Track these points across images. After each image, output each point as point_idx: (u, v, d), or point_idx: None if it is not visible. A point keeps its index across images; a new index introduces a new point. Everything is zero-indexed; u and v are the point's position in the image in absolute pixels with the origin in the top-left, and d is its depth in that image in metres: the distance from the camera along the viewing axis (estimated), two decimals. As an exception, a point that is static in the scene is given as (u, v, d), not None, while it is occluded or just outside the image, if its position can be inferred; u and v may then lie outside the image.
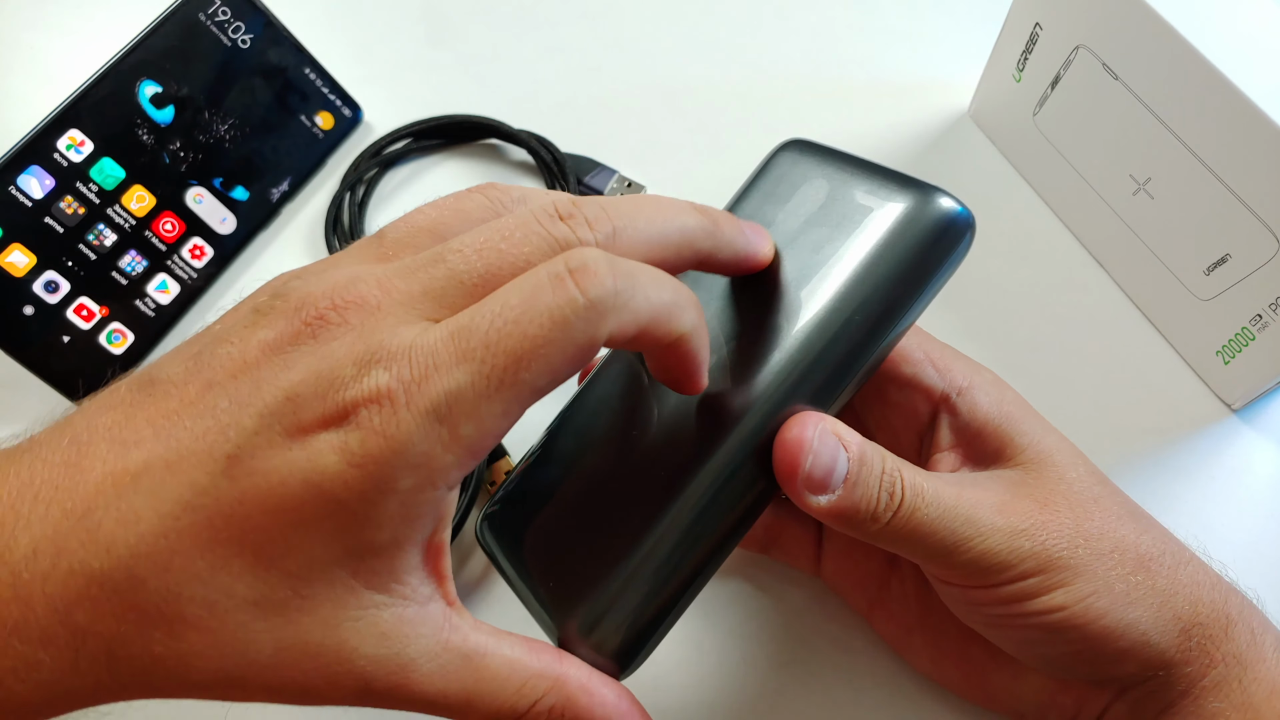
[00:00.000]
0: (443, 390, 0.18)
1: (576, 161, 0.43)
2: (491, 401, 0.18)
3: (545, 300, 0.18)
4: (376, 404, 0.18)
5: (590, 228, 0.20)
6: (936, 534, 0.23)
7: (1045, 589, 0.23)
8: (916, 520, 0.22)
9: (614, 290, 0.18)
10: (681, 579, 0.22)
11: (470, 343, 0.18)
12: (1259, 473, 0.36)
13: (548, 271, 0.18)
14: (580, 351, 0.18)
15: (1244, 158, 0.32)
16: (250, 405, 0.18)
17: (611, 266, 0.19)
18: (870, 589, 0.31)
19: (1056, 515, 0.24)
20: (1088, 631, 0.23)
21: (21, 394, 0.39)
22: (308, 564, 0.18)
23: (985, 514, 0.23)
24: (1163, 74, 0.33)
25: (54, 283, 0.37)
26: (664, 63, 0.48)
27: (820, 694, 0.32)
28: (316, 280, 0.20)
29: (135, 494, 0.18)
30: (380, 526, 0.18)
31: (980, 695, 0.29)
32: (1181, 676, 0.24)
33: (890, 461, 0.23)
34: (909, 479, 0.23)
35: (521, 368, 0.18)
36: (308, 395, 0.18)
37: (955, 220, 0.23)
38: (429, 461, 0.18)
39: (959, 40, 0.48)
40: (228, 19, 0.41)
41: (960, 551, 0.23)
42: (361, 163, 0.44)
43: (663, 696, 0.32)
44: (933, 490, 0.23)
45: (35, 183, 0.36)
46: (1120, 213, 0.38)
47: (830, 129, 0.45)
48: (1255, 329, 0.34)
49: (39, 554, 0.17)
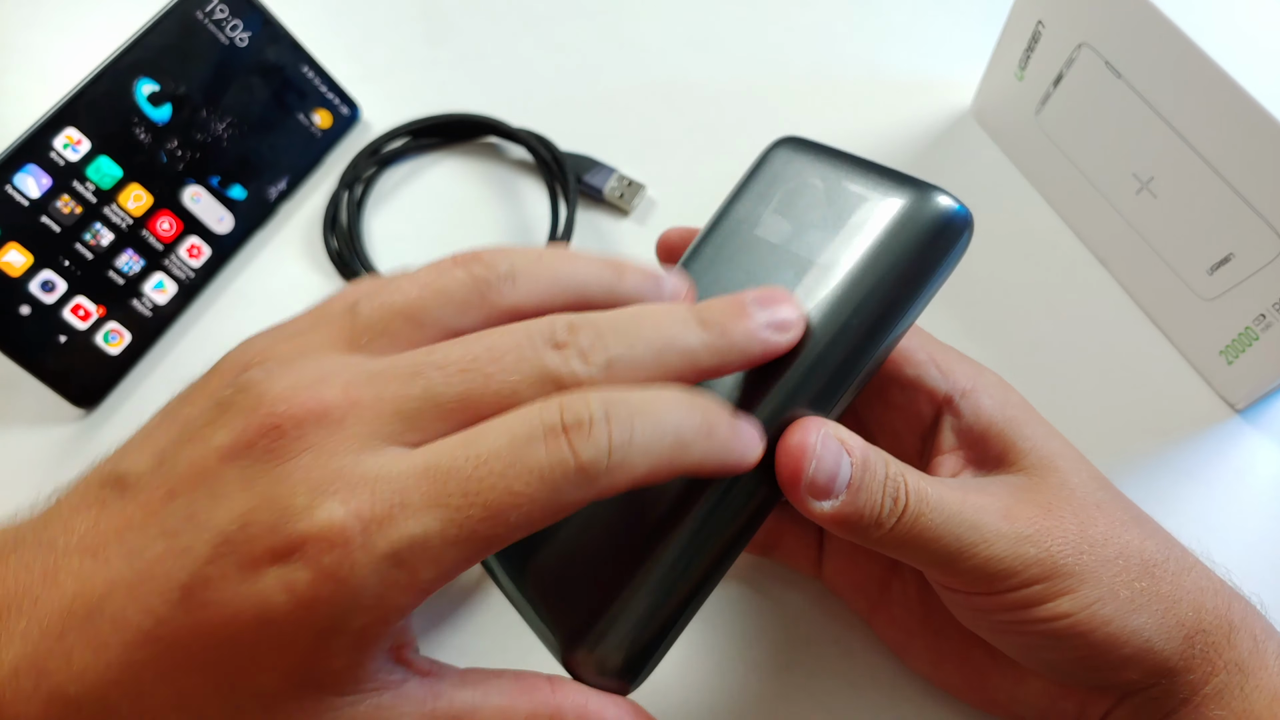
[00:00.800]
0: (407, 535, 0.17)
1: (576, 160, 0.43)
2: (460, 549, 0.17)
3: (536, 458, 0.17)
4: (328, 542, 0.17)
5: (585, 360, 0.19)
6: (940, 540, 0.22)
7: (1050, 596, 0.23)
8: (921, 526, 0.22)
9: (609, 450, 0.18)
10: (685, 591, 0.22)
11: (447, 487, 0.17)
12: (1262, 474, 0.36)
13: (542, 422, 0.18)
14: (566, 509, 0.18)
15: (1247, 157, 0.32)
16: (206, 528, 0.18)
17: (608, 418, 0.18)
18: (871, 592, 0.30)
19: (1061, 521, 0.24)
20: (1092, 639, 0.23)
21: (18, 394, 0.39)
22: (272, 686, 0.18)
23: (990, 520, 0.23)
24: (1166, 72, 0.33)
25: (50, 282, 0.37)
26: (664, 60, 0.48)
27: (821, 697, 0.31)
28: (280, 374, 0.19)
29: (102, 619, 0.18)
30: (334, 656, 0.18)
31: (981, 699, 0.28)
32: (1184, 684, 0.24)
33: (894, 467, 0.23)
34: (913, 484, 0.22)
35: (499, 522, 0.17)
36: (259, 525, 0.17)
37: (953, 219, 0.23)
38: (382, 604, 0.17)
39: (961, 38, 0.48)
40: (225, 17, 0.40)
41: (964, 558, 0.23)
42: (359, 161, 0.44)
43: (663, 699, 0.32)
44: (937, 496, 0.22)
45: (32, 181, 0.36)
46: (1123, 212, 0.38)
47: (831, 127, 0.45)
48: (1259, 329, 0.34)
49: (20, 674, 0.17)
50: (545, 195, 0.43)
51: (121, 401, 0.39)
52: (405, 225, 0.43)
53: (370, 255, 0.42)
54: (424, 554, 0.17)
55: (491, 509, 0.17)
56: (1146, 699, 0.25)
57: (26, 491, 0.37)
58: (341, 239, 0.42)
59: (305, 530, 0.17)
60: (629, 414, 0.18)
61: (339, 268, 0.42)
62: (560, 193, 0.42)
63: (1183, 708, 0.24)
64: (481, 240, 0.43)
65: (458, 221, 0.43)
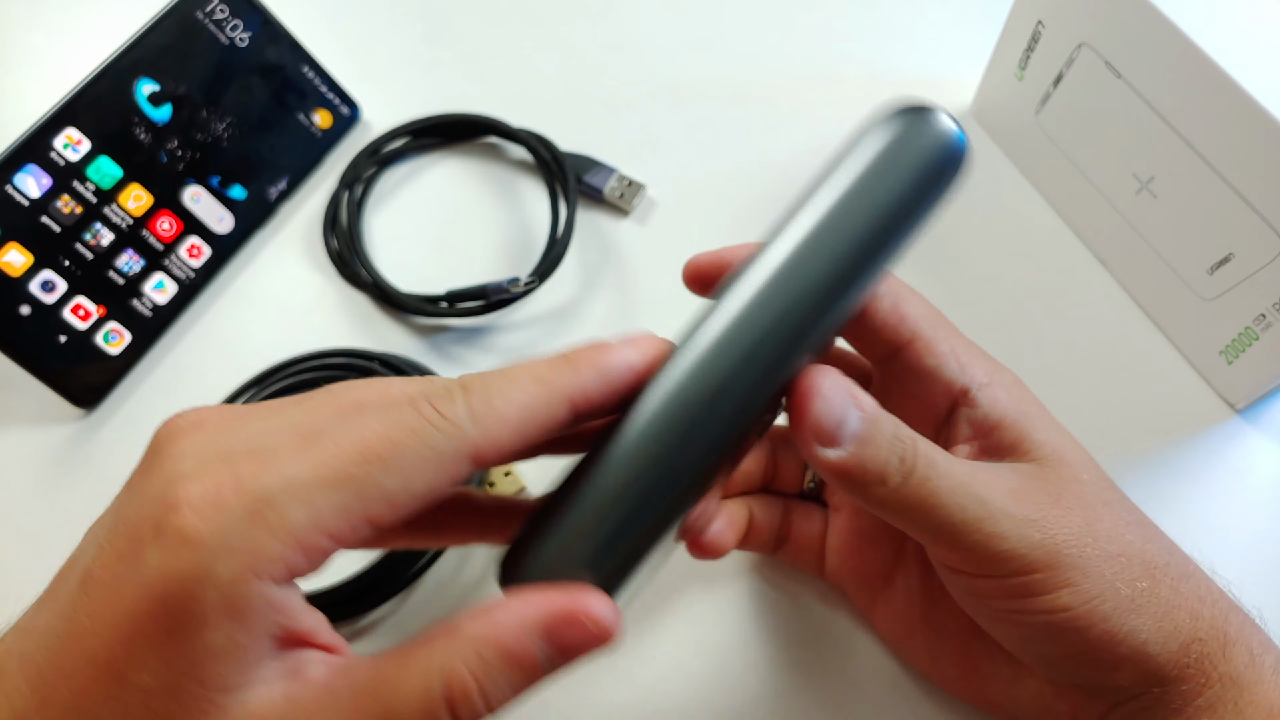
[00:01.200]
0: (276, 476, 0.17)
1: (576, 160, 0.43)
2: (331, 492, 0.17)
3: (403, 415, 0.18)
4: (203, 498, 0.17)
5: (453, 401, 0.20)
6: (946, 508, 0.22)
7: (1051, 587, 0.23)
8: (926, 491, 0.22)
9: (469, 407, 0.19)
10: (655, 485, 0.21)
11: (320, 437, 0.18)
12: (1262, 473, 0.36)
13: (407, 400, 0.19)
14: (440, 460, 0.18)
15: (1247, 156, 0.32)
16: (98, 530, 0.19)
17: (465, 387, 0.19)
18: (874, 584, 0.30)
19: (1068, 512, 0.24)
20: (1089, 635, 0.23)
21: (18, 394, 0.39)
22: (156, 683, 0.17)
23: (997, 497, 0.23)
24: (1166, 72, 0.33)
25: (51, 282, 0.37)
26: (664, 60, 0.48)
27: (821, 696, 0.32)
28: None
29: (9, 659, 0.18)
30: (207, 624, 0.17)
31: (977, 697, 0.29)
32: (1176, 694, 0.24)
33: (904, 429, 0.23)
34: (922, 449, 0.22)
35: (368, 462, 0.18)
36: (150, 498, 0.18)
37: (944, 148, 0.22)
38: (250, 546, 0.17)
39: (961, 38, 0.48)
40: (225, 17, 0.40)
41: (969, 532, 0.22)
42: (360, 161, 0.44)
43: (663, 698, 0.32)
44: (945, 463, 0.22)
45: (32, 181, 0.36)
46: (1123, 212, 0.38)
47: (831, 127, 0.44)
48: (1259, 329, 0.34)
49: None
50: (545, 195, 0.43)
51: (121, 401, 0.39)
52: (405, 225, 0.43)
53: (370, 255, 0.42)
54: (292, 493, 0.17)
55: (361, 449, 0.18)
56: (1138, 708, 0.25)
57: (26, 491, 0.37)
58: (341, 239, 0.42)
59: (181, 493, 0.17)
60: (484, 384, 0.19)
61: (339, 268, 0.42)
62: (560, 193, 0.42)
63: (1174, 717, 0.24)
64: (481, 242, 0.43)
65: (458, 221, 0.43)
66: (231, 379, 0.38)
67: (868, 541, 0.30)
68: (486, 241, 0.43)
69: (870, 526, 0.30)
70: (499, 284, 0.39)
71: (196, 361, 0.40)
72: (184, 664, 0.17)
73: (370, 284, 0.41)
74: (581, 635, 0.19)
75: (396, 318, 0.41)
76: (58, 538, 0.24)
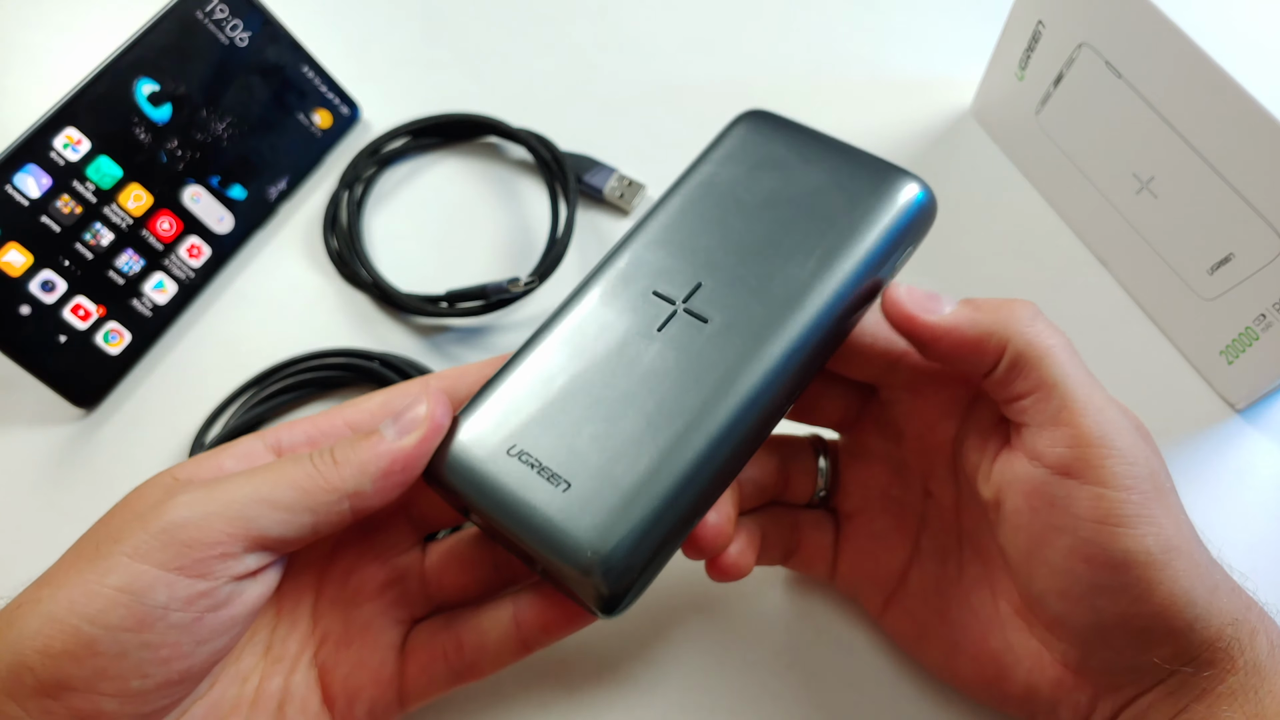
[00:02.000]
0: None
1: (576, 160, 0.43)
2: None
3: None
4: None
5: None
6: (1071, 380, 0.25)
7: (1141, 520, 0.23)
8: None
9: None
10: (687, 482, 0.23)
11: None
12: (1262, 473, 0.36)
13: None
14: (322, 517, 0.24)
15: (1248, 156, 0.32)
16: None
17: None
18: (888, 584, 0.30)
19: (1155, 457, 0.25)
20: (1156, 592, 0.23)
21: (18, 394, 0.39)
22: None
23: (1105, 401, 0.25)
24: (1166, 72, 0.33)
25: (50, 282, 0.37)
26: (664, 60, 0.48)
27: (822, 696, 0.32)
28: None
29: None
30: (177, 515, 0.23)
31: (994, 693, 0.28)
32: (1203, 678, 0.24)
33: None
34: None
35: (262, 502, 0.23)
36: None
37: (913, 200, 0.26)
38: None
39: (961, 38, 0.48)
40: (225, 17, 0.40)
41: (1089, 408, 0.24)
42: (359, 161, 0.44)
43: (663, 696, 0.32)
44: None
45: (32, 181, 0.36)
46: (1123, 211, 0.38)
47: (832, 127, 0.44)
48: (1259, 329, 0.34)
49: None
50: (545, 195, 0.43)
51: (122, 401, 0.39)
52: (405, 225, 0.43)
53: (370, 255, 0.42)
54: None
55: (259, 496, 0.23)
56: (1164, 692, 0.25)
57: (26, 491, 0.37)
58: (341, 239, 0.42)
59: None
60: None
61: (339, 267, 0.42)
62: (560, 192, 0.42)
63: (1195, 705, 0.24)
64: (480, 241, 0.43)
65: (458, 221, 0.43)
66: (231, 379, 0.38)
67: (881, 542, 0.30)
68: (486, 241, 0.43)
69: (884, 527, 0.30)
70: (499, 284, 0.39)
71: (196, 361, 0.40)
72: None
73: (370, 284, 0.41)
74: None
75: (396, 318, 0.41)
76: (58, 538, 0.24)
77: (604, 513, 0.22)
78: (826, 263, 0.25)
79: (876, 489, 0.31)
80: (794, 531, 0.31)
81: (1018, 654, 0.27)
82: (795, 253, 0.25)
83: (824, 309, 0.25)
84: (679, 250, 0.26)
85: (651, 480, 0.23)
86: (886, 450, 0.30)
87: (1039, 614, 0.26)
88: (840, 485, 0.31)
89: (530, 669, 0.32)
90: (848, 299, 0.25)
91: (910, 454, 0.30)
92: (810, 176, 0.26)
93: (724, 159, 0.28)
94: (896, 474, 0.30)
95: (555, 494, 0.23)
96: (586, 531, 0.22)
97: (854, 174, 0.26)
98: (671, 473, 0.23)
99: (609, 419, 0.24)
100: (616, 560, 0.22)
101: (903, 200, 0.26)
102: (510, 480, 0.23)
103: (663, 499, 0.22)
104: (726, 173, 0.27)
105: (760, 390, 0.24)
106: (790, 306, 0.24)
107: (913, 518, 0.30)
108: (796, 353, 0.24)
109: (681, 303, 0.25)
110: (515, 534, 0.23)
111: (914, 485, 0.30)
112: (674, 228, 0.27)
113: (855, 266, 0.25)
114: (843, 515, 0.31)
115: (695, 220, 0.27)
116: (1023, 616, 0.27)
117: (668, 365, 0.24)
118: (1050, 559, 0.25)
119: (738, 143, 0.28)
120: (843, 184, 0.26)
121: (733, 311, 0.25)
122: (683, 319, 0.25)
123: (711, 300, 0.25)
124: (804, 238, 0.25)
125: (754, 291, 0.25)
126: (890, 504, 0.31)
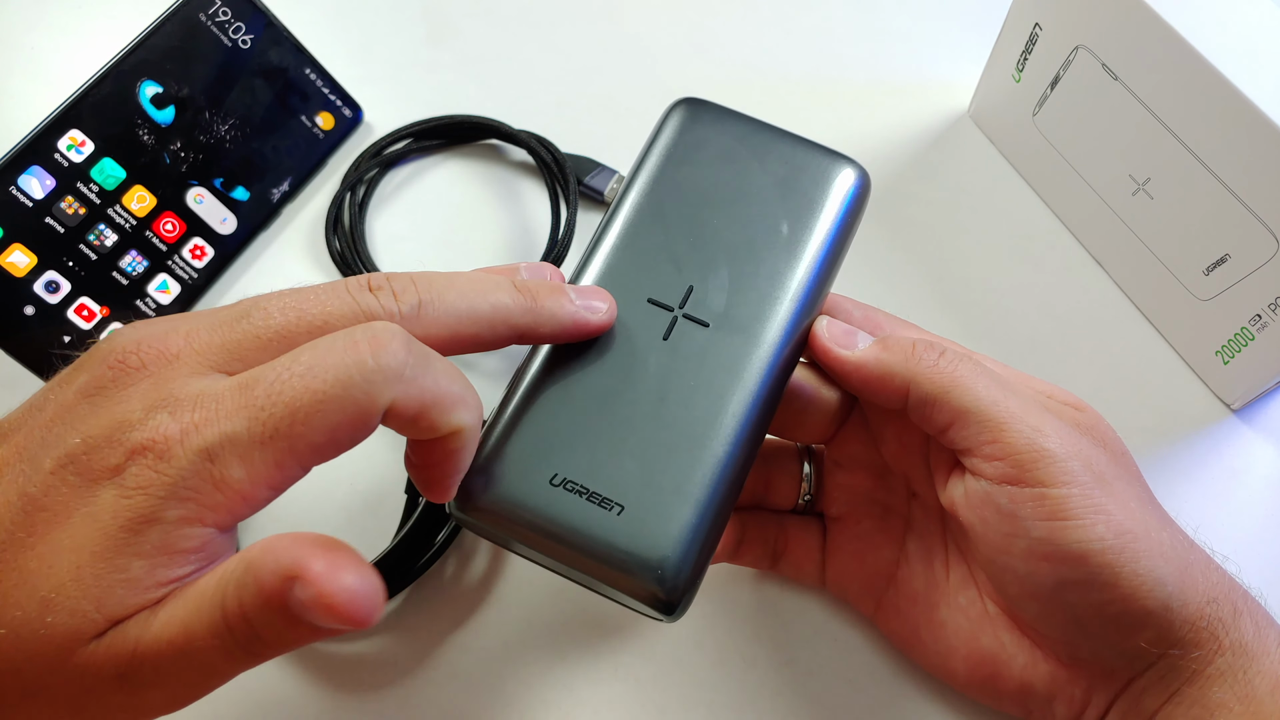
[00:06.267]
0: (218, 433, 0.19)
1: (577, 162, 0.43)
2: (265, 449, 0.19)
3: (334, 358, 0.19)
4: (156, 447, 0.19)
5: (396, 298, 0.21)
6: (995, 400, 0.25)
7: (1087, 511, 0.24)
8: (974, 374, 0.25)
9: (403, 362, 0.19)
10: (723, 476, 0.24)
11: (255, 393, 0.19)
12: (1258, 472, 0.36)
13: (344, 334, 0.20)
14: (360, 414, 0.19)
15: (1243, 158, 0.32)
16: (56, 447, 0.19)
17: (407, 343, 0.20)
18: (877, 586, 0.31)
19: (1096, 449, 0.26)
20: (1120, 576, 0.23)
21: (22, 394, 0.39)
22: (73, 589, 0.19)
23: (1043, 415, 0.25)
24: (1162, 74, 0.33)
25: (55, 283, 0.37)
26: (665, 63, 0.48)
27: (819, 694, 0.32)
28: (136, 329, 0.21)
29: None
30: (139, 555, 0.19)
31: (988, 691, 0.28)
32: (1191, 659, 0.24)
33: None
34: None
35: (297, 420, 0.19)
36: (99, 439, 0.19)
37: (850, 180, 0.27)
38: (196, 496, 0.19)
39: (958, 40, 0.48)
40: (228, 19, 0.41)
41: (1017, 424, 0.25)
42: (362, 163, 0.44)
43: (662, 695, 0.32)
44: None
45: (36, 183, 0.37)
46: (1120, 213, 0.38)
47: (830, 129, 0.45)
48: (1255, 329, 0.34)
49: None
50: (546, 197, 0.43)
51: (125, 401, 0.39)
52: (407, 226, 0.44)
53: (372, 256, 0.42)
54: (232, 450, 0.19)
55: (290, 407, 0.19)
56: (1154, 677, 0.25)
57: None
58: (344, 240, 0.42)
59: (139, 438, 0.19)
60: (427, 350, 0.20)
61: (341, 269, 0.42)
62: (561, 194, 0.42)
63: (1186, 687, 0.24)
64: (482, 243, 0.43)
65: (459, 223, 0.44)
66: (234, 379, 0.39)
67: (868, 545, 0.31)
68: (488, 243, 0.43)
69: (869, 530, 0.31)
70: (500, 285, 0.39)
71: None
72: (96, 586, 0.19)
73: (372, 285, 0.41)
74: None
75: (398, 318, 0.41)
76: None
77: (661, 531, 0.23)
78: (797, 255, 0.26)
79: (861, 493, 0.31)
80: (781, 536, 0.31)
81: (1010, 652, 0.27)
82: (767, 248, 0.26)
83: (804, 300, 0.26)
84: (659, 254, 0.27)
85: (695, 487, 0.23)
86: (869, 456, 0.30)
87: (1018, 617, 0.27)
88: (825, 490, 0.32)
89: (530, 667, 0.32)
90: (821, 286, 0.27)
91: (892, 459, 0.30)
92: (762, 168, 0.28)
93: (672, 153, 0.28)
94: (880, 478, 0.31)
95: (611, 519, 0.23)
96: (650, 551, 0.23)
97: (802, 163, 0.28)
98: (709, 477, 0.24)
99: (639, 434, 0.24)
100: (683, 574, 0.23)
101: (848, 185, 0.27)
102: (563, 512, 0.23)
103: (707, 503, 0.23)
104: (680, 169, 0.28)
105: (766, 385, 0.25)
106: (776, 301, 0.26)
107: (898, 520, 0.31)
108: (788, 345, 0.26)
109: (679, 309, 0.26)
110: (580, 564, 0.23)
111: (898, 488, 0.31)
112: (646, 231, 0.27)
113: (822, 255, 0.27)
114: (829, 519, 0.32)
115: (665, 221, 0.27)
116: (1010, 616, 0.28)
117: (680, 373, 0.25)
118: (1012, 565, 0.26)
119: (680, 135, 0.29)
120: (793, 175, 0.27)
121: (726, 312, 0.26)
122: (683, 325, 0.25)
123: (704, 303, 0.26)
124: (770, 233, 0.27)
125: (741, 291, 0.26)
126: (875, 507, 0.31)
